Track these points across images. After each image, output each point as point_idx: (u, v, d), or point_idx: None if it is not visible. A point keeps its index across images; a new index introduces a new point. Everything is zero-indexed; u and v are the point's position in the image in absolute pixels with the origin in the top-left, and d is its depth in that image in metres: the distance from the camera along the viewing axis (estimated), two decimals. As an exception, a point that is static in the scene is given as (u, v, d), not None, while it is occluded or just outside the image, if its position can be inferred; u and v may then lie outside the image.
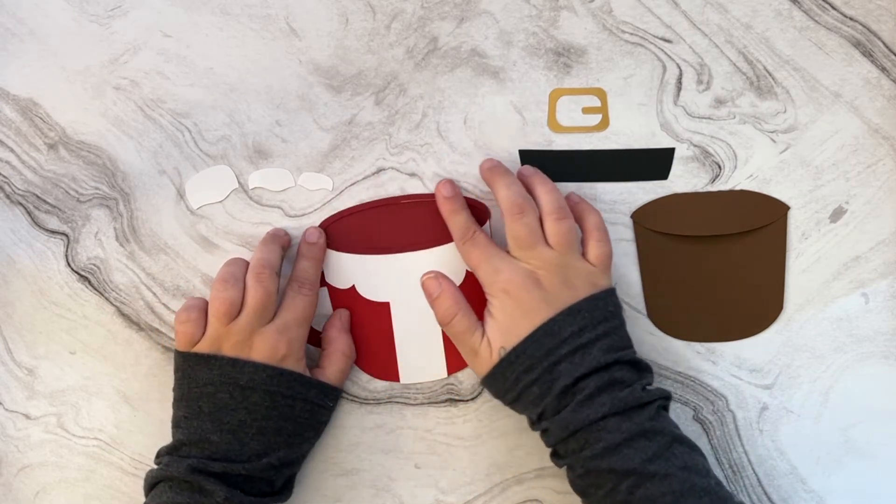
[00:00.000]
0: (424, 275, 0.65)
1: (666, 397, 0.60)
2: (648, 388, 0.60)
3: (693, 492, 0.56)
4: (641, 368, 0.61)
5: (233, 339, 0.61)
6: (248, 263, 0.64)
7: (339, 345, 0.66)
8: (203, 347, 0.62)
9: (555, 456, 0.61)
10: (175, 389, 0.63)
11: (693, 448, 0.59)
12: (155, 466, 0.61)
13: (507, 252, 0.63)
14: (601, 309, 0.60)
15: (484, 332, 0.62)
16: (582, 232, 0.64)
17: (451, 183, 0.65)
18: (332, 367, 0.65)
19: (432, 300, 0.64)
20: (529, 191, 0.64)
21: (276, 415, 0.61)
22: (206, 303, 0.64)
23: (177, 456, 0.60)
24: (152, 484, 0.60)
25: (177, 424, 0.62)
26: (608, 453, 0.57)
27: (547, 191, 0.63)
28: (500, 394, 0.62)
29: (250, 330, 0.62)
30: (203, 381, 0.61)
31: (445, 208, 0.65)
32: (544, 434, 0.60)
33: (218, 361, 0.61)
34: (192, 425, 0.61)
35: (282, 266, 0.65)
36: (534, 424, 0.61)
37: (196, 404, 0.61)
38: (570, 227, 0.62)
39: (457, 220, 0.64)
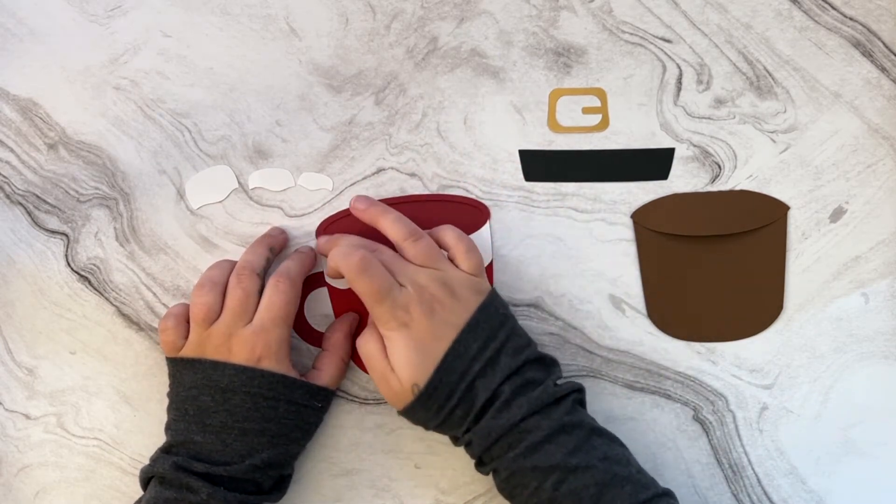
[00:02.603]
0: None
1: (578, 390, 0.61)
2: (559, 383, 0.60)
3: (615, 481, 0.57)
4: (548, 364, 0.61)
5: (214, 342, 0.62)
6: (232, 266, 0.64)
7: (338, 349, 0.66)
8: (187, 352, 0.62)
9: (479, 465, 0.61)
10: (168, 394, 0.64)
11: (612, 439, 0.60)
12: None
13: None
14: (494, 315, 0.61)
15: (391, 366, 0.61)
16: (447, 249, 0.63)
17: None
18: (329, 370, 0.65)
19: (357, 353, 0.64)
20: (374, 224, 0.63)
21: (259, 416, 0.61)
22: (187, 308, 0.64)
23: (164, 454, 0.61)
24: (144, 481, 0.61)
25: (167, 427, 0.63)
26: (531, 452, 0.58)
27: (390, 221, 0.62)
28: (422, 423, 0.62)
29: (229, 332, 0.62)
30: (188, 385, 0.62)
31: (326, 252, 0.63)
32: (468, 447, 0.61)
33: (201, 365, 0.61)
34: (178, 427, 0.61)
35: (268, 268, 0.65)
36: (457, 441, 0.61)
37: (182, 407, 0.61)
38: (429, 243, 0.62)
39: (330, 266, 0.62)
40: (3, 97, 0.67)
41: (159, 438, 0.64)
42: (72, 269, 0.68)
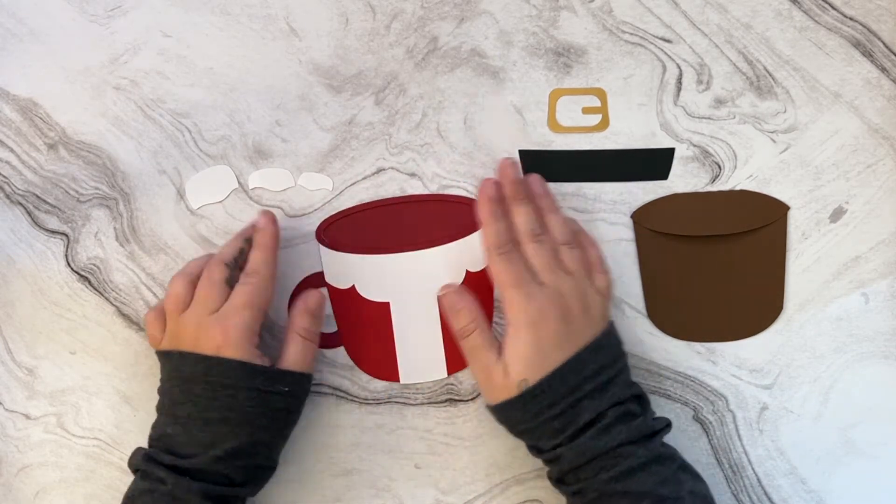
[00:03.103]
0: (444, 288, 0.65)
1: (669, 425, 0.61)
2: (655, 418, 0.61)
3: None
4: (644, 401, 0.62)
5: (187, 332, 0.62)
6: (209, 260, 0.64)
7: (294, 325, 0.63)
8: (165, 345, 0.63)
9: (560, 483, 0.61)
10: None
11: (696, 476, 0.60)
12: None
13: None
14: (616, 346, 0.62)
15: (500, 355, 0.61)
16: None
17: (498, 184, 0.64)
18: (290, 350, 0.63)
19: (453, 313, 0.63)
20: (540, 214, 0.64)
21: (219, 405, 0.60)
22: None
23: (142, 448, 0.62)
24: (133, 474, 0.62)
25: (153, 424, 0.63)
26: (624, 476, 0.58)
27: (560, 222, 0.64)
28: (512, 423, 0.62)
29: (197, 322, 0.61)
30: (164, 377, 0.63)
31: (486, 210, 0.63)
32: (554, 462, 0.60)
33: (170, 357, 0.62)
34: (157, 422, 0.62)
35: (242, 258, 0.63)
36: (540, 452, 0.61)
37: (161, 400, 0.62)
38: (582, 254, 0.63)
39: (497, 227, 0.63)
40: (3, 97, 0.67)
41: (159, 438, 0.64)
42: (72, 269, 0.68)
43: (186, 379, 0.61)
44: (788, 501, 0.67)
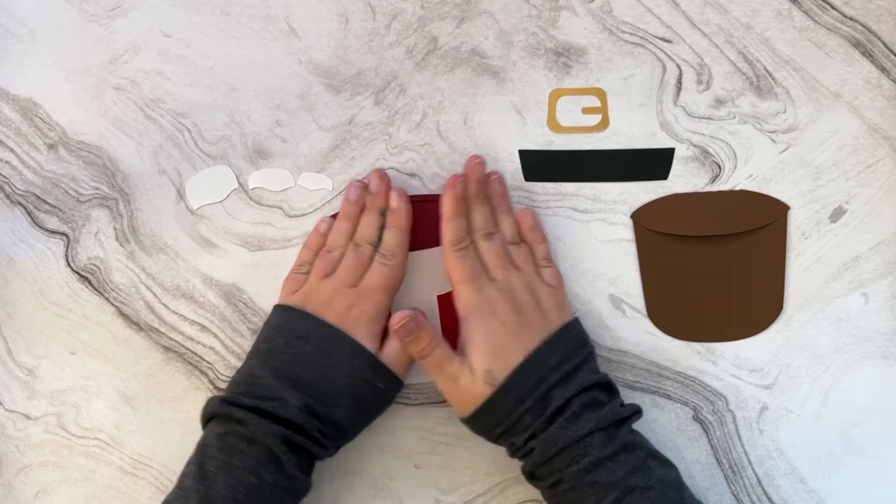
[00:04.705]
0: (395, 320, 0.62)
1: (638, 412, 0.62)
2: (622, 405, 0.61)
3: None
4: (612, 390, 0.62)
5: (320, 296, 0.63)
6: (351, 229, 0.65)
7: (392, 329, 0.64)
8: (293, 300, 0.64)
9: (532, 478, 0.61)
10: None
11: (666, 462, 0.61)
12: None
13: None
14: (576, 337, 0.63)
15: (462, 359, 0.61)
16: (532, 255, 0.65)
17: (465, 182, 0.65)
18: (388, 347, 0.64)
19: (412, 338, 0.62)
20: (494, 214, 0.66)
21: (317, 369, 0.61)
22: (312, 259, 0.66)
23: (215, 397, 0.62)
24: (205, 426, 0.62)
25: (238, 370, 0.64)
26: (593, 467, 0.58)
27: (509, 223, 0.65)
28: (488, 428, 0.62)
29: (334, 289, 0.63)
30: (272, 326, 0.64)
31: (449, 207, 0.64)
32: (528, 456, 0.60)
33: (290, 313, 0.63)
34: (247, 363, 0.63)
35: (381, 234, 0.65)
36: (516, 450, 0.61)
37: (258, 344, 0.63)
38: (529, 251, 0.65)
39: (457, 224, 0.64)
40: (3, 97, 0.67)
41: (159, 438, 0.64)
42: (72, 269, 0.68)
43: (299, 336, 0.62)
44: (788, 501, 0.67)
